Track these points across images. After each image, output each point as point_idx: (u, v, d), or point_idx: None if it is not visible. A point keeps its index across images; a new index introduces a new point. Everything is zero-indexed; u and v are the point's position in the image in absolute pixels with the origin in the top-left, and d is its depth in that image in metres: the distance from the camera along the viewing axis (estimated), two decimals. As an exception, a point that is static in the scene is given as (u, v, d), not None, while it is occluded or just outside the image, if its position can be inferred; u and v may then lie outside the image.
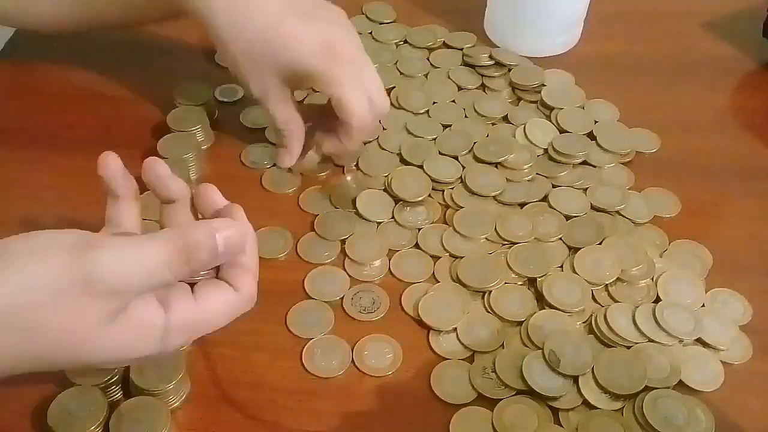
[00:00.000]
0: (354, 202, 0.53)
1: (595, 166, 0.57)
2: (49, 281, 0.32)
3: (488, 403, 0.43)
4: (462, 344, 0.46)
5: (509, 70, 0.64)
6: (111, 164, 0.42)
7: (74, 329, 0.33)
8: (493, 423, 0.42)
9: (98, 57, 0.65)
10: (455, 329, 0.46)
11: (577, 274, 0.49)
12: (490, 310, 0.47)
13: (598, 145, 0.58)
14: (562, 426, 0.42)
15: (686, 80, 0.66)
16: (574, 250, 0.51)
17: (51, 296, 0.32)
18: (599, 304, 0.48)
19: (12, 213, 0.53)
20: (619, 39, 0.71)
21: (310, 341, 0.46)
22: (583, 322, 0.47)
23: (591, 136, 0.59)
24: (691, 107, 0.63)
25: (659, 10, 0.75)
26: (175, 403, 0.42)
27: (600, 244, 0.51)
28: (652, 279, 0.49)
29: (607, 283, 0.48)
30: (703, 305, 0.48)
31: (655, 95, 0.64)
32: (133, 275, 0.33)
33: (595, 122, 0.60)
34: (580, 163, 0.57)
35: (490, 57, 0.65)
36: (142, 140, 0.58)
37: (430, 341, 0.46)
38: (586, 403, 0.43)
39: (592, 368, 0.43)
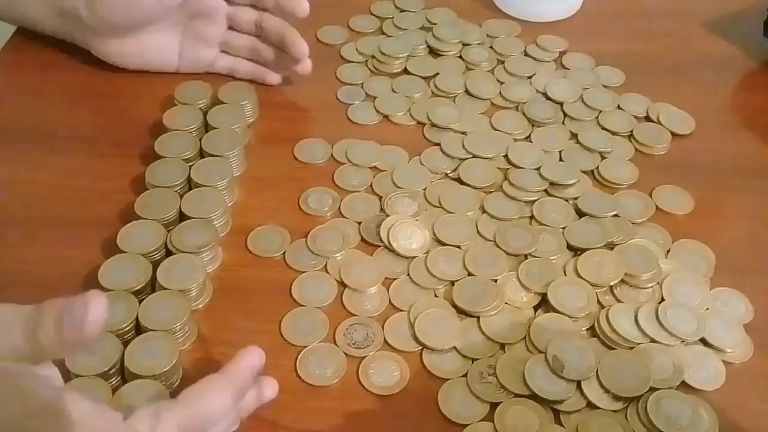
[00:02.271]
0: None
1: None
2: None
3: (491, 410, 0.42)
4: (459, 353, 0.45)
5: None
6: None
7: None
8: (495, 426, 0.42)
9: (98, 56, 0.65)
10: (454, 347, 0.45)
11: (581, 278, 0.48)
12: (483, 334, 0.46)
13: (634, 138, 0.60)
14: (563, 426, 0.42)
15: (686, 79, 0.66)
16: (577, 252, 0.50)
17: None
18: (604, 307, 0.47)
19: (13, 212, 0.53)
20: (619, 38, 0.71)
21: (305, 349, 0.45)
22: (588, 329, 0.46)
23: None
24: (691, 106, 0.62)
25: (659, 9, 0.75)
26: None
27: (603, 245, 0.50)
28: (658, 281, 0.48)
29: (611, 284, 0.48)
30: (708, 309, 0.47)
31: (655, 94, 0.64)
32: None
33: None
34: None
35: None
36: (141, 139, 0.57)
37: (424, 362, 0.45)
38: (589, 405, 0.42)
39: (596, 371, 0.43)
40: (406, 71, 0.66)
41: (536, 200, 0.54)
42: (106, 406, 0.32)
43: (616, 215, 0.53)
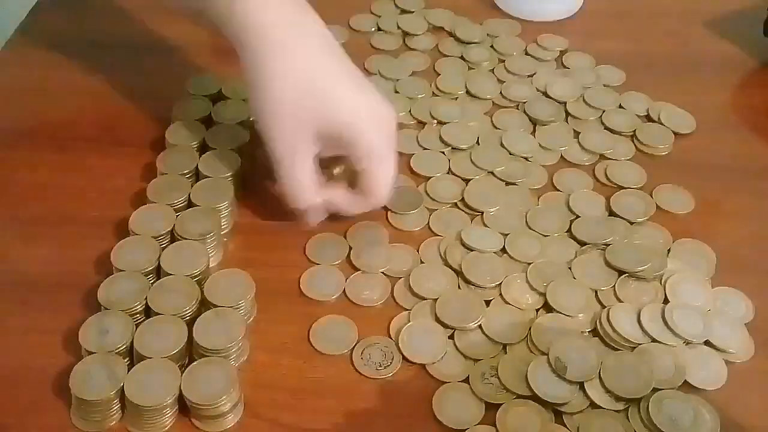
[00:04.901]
0: None
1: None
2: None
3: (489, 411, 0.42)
4: (462, 354, 0.45)
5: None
6: None
7: None
8: (497, 427, 0.41)
9: (99, 55, 0.65)
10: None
11: (582, 278, 0.49)
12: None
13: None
14: (565, 426, 0.42)
15: (687, 79, 0.66)
16: (578, 251, 0.50)
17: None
18: (605, 306, 0.47)
19: (13, 213, 0.53)
20: (620, 38, 0.71)
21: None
22: (590, 331, 0.46)
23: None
24: (691, 106, 0.62)
25: (660, 8, 0.75)
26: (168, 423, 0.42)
27: (604, 244, 0.50)
28: (660, 280, 0.48)
29: (613, 285, 0.48)
30: (710, 310, 0.47)
31: (655, 94, 0.64)
32: None
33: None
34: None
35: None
36: (142, 138, 0.58)
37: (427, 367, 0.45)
38: (592, 405, 0.42)
39: (599, 373, 0.43)
40: None
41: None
42: None
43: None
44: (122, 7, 0.71)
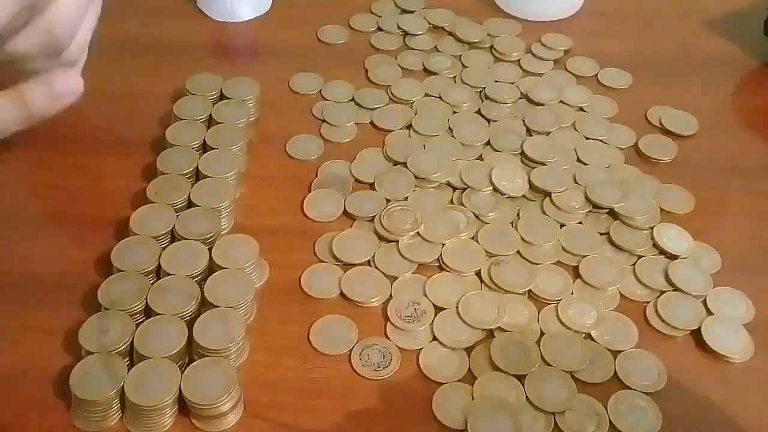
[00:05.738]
0: None
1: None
2: None
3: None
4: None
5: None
6: None
7: None
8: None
9: (99, 55, 0.65)
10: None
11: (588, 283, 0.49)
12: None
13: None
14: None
15: (687, 79, 0.66)
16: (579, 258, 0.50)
17: None
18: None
19: (13, 212, 0.53)
20: (619, 37, 0.71)
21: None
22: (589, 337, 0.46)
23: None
24: (691, 106, 0.62)
25: (660, 8, 0.75)
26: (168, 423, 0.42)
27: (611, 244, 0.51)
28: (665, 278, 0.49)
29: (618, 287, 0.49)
30: (711, 313, 0.47)
31: (655, 94, 0.64)
32: None
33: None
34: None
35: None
36: (141, 138, 0.58)
37: (421, 366, 0.45)
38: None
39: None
40: None
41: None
42: None
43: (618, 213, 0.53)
44: (122, 7, 0.71)
